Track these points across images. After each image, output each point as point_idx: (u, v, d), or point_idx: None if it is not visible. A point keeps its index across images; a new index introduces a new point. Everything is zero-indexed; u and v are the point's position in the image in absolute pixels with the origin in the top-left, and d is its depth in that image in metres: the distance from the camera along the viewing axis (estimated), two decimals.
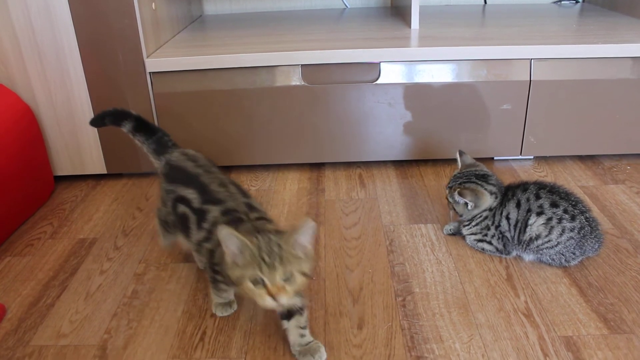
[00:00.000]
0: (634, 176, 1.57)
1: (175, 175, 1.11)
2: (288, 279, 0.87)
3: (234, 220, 0.96)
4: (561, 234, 1.15)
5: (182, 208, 1.05)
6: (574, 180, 1.56)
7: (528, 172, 1.62)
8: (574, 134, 1.62)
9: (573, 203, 1.16)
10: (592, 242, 1.17)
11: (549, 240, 1.16)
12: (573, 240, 1.15)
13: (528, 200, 1.19)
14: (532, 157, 1.70)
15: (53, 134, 1.57)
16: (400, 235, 1.33)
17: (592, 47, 1.51)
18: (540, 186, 1.20)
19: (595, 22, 1.80)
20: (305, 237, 0.89)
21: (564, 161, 1.68)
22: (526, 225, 1.17)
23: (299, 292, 0.93)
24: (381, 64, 1.54)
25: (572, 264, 1.19)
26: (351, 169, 1.69)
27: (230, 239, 0.87)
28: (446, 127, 1.61)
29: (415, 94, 1.57)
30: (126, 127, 1.19)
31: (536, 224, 1.16)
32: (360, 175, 1.65)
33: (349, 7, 2.21)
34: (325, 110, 1.59)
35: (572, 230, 1.14)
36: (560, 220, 1.15)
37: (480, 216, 1.24)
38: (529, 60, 1.53)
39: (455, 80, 1.55)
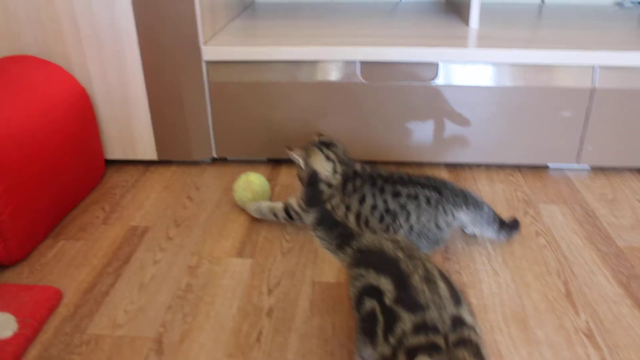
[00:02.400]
0: None
1: (367, 258, 0.86)
2: None
3: (427, 346, 0.70)
4: (409, 216, 1.18)
5: (369, 303, 0.80)
6: (632, 193, 1.51)
7: (584, 182, 1.57)
8: (634, 146, 1.56)
9: (413, 182, 1.21)
10: (451, 198, 1.19)
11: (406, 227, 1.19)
12: (427, 213, 1.18)
13: (373, 195, 1.20)
14: (588, 166, 1.65)
15: (106, 117, 1.57)
16: (454, 241, 1.31)
17: None
18: (379, 176, 1.23)
19: None
20: None
21: (622, 173, 1.63)
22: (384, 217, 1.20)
23: None
24: (440, 63, 1.51)
25: (440, 243, 1.22)
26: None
27: None
28: (502, 131, 1.57)
29: (472, 95, 1.53)
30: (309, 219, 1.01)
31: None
32: None
33: (402, 0, 2.17)
34: (380, 108, 1.56)
35: (418, 206, 1.18)
36: (403, 206, 1.18)
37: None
38: (592, 67, 1.48)
39: (514, 84, 1.51)
